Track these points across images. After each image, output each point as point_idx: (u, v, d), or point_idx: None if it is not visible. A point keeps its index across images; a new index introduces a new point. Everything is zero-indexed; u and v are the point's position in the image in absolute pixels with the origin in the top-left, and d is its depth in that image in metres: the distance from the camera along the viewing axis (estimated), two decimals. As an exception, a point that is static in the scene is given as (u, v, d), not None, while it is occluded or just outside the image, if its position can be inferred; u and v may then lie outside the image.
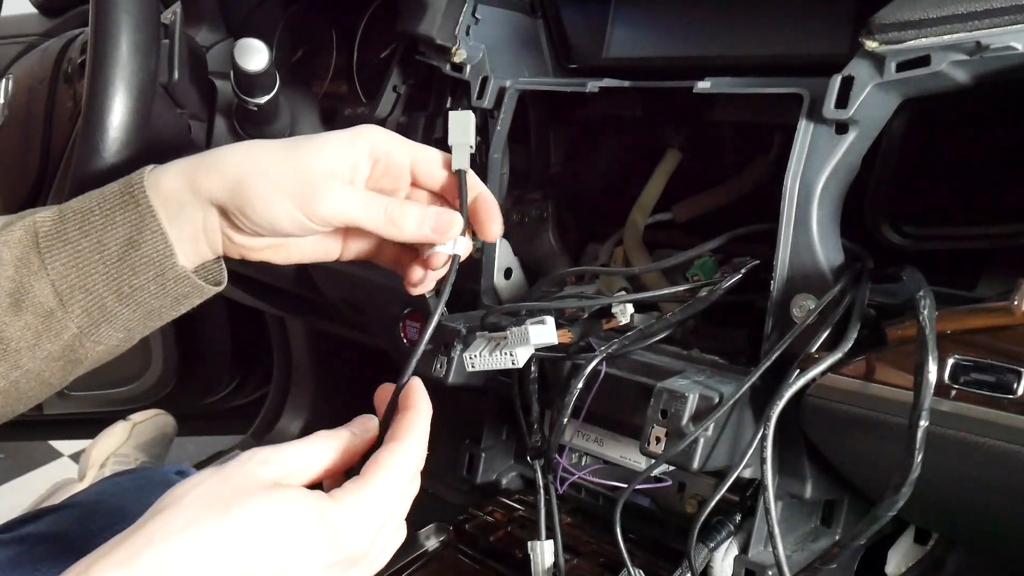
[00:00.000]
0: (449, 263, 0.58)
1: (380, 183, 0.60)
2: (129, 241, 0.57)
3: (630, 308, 0.68)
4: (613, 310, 0.68)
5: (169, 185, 0.58)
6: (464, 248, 0.58)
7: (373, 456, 0.49)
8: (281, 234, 0.58)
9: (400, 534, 0.51)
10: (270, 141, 0.59)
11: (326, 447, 0.49)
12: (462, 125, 0.58)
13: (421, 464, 0.51)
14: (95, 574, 0.41)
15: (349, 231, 0.61)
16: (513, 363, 0.63)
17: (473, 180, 0.59)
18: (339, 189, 0.57)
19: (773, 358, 0.57)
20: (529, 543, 0.68)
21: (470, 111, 0.58)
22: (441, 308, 0.54)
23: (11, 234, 0.58)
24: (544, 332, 0.63)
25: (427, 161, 0.59)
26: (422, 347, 0.53)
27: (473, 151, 0.59)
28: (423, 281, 0.60)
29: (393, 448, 0.49)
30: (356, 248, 0.62)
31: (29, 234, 0.57)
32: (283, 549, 0.44)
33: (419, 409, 0.52)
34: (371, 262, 0.63)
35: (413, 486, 0.51)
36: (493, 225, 0.59)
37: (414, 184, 0.60)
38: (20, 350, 0.57)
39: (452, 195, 0.59)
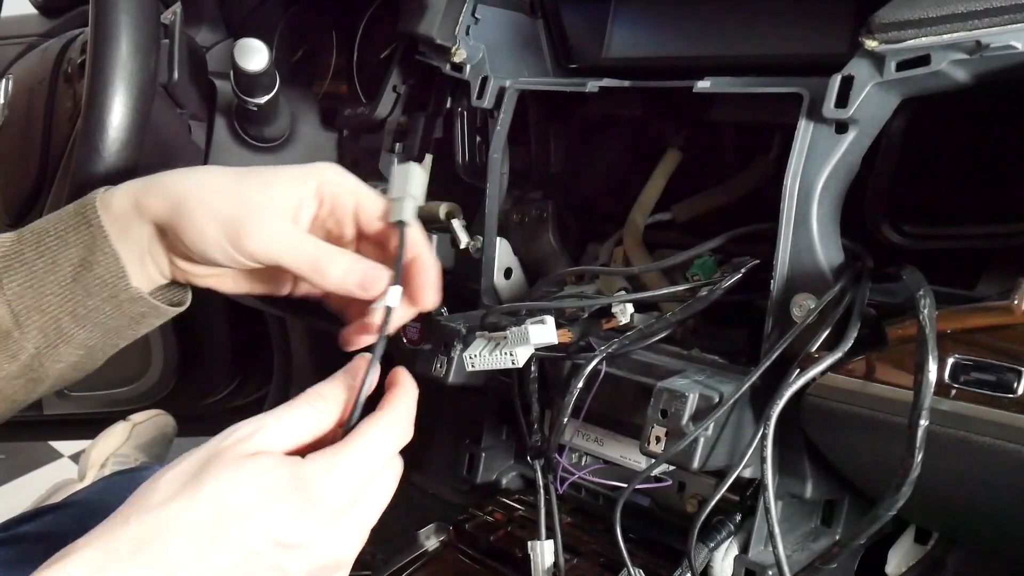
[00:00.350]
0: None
1: (326, 224, 0.58)
2: (82, 262, 0.56)
3: (630, 308, 0.68)
4: (613, 310, 0.68)
5: (117, 204, 0.56)
6: (396, 300, 0.54)
7: (356, 425, 0.48)
8: (212, 263, 0.57)
9: (381, 498, 0.49)
10: (227, 169, 0.57)
11: (309, 414, 0.48)
12: (405, 177, 0.56)
13: (405, 437, 0.50)
14: (74, 554, 0.41)
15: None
16: (513, 363, 0.63)
17: (414, 238, 0.55)
18: (271, 225, 0.54)
19: (773, 358, 0.57)
20: (529, 543, 0.68)
21: (416, 164, 0.56)
22: (375, 363, 0.50)
23: None
24: (544, 332, 0.63)
25: (367, 208, 0.57)
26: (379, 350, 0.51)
27: (420, 203, 0.56)
28: (351, 340, 0.57)
29: (376, 417, 0.49)
30: (304, 288, 0.61)
31: None
32: (259, 512, 0.43)
33: (405, 386, 0.51)
34: (321, 302, 0.61)
35: (396, 463, 0.50)
36: (427, 293, 0.56)
37: (358, 231, 0.58)
38: None
39: (392, 249, 0.56)
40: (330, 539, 0.45)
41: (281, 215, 0.55)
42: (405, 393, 0.51)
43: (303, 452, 0.47)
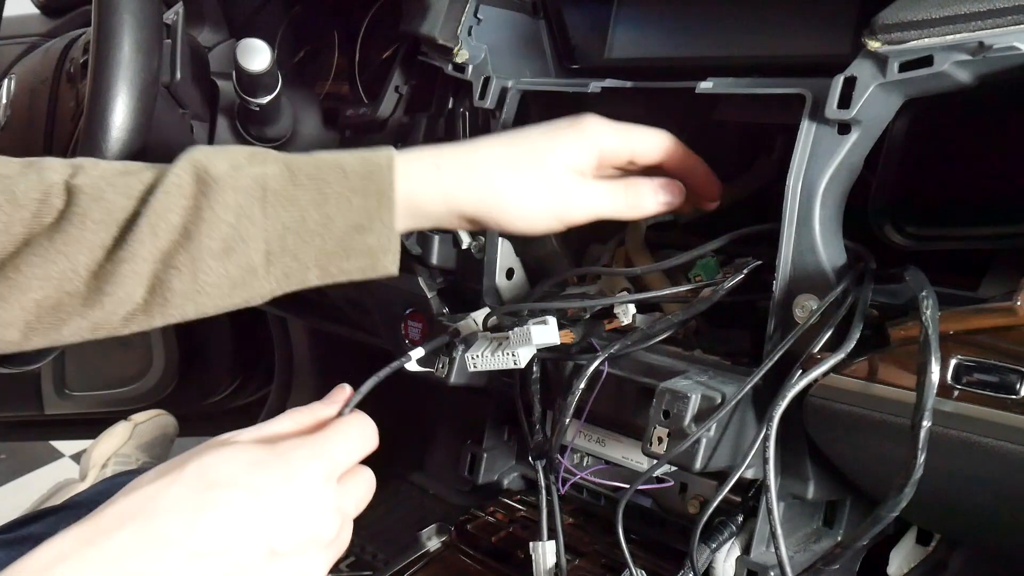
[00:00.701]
0: None
1: (608, 167, 0.66)
2: (357, 227, 0.59)
3: (632, 308, 0.68)
4: (615, 311, 0.68)
5: (421, 194, 0.61)
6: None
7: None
8: (534, 233, 0.64)
9: (361, 486, 0.51)
10: (504, 143, 0.64)
11: (286, 424, 0.51)
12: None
13: (369, 440, 0.52)
14: (65, 532, 0.43)
15: None
16: (515, 363, 0.63)
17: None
18: (586, 189, 0.63)
19: (775, 359, 0.57)
20: (531, 544, 0.68)
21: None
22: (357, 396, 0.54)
23: (239, 179, 0.57)
24: (546, 332, 0.63)
25: (642, 154, 0.66)
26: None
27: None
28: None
29: (341, 419, 0.52)
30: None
31: (257, 185, 0.57)
32: (242, 479, 0.45)
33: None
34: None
35: (365, 477, 0.52)
36: (708, 187, 0.69)
37: (629, 165, 0.66)
38: (211, 296, 0.58)
39: (668, 170, 0.66)
40: (309, 510, 0.46)
41: (580, 174, 0.63)
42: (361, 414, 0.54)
43: None
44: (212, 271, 0.57)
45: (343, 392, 0.54)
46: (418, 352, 0.61)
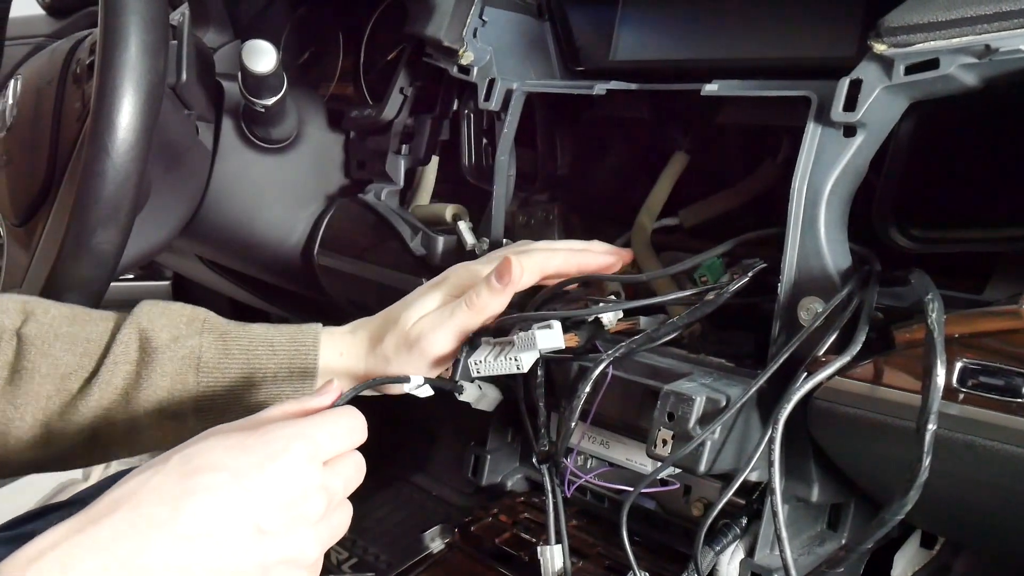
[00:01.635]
0: None
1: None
2: (279, 394, 0.67)
3: (617, 314, 0.68)
4: (605, 315, 0.68)
5: (337, 367, 0.68)
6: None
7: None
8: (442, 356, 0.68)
9: (345, 507, 0.52)
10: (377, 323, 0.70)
11: (277, 412, 0.52)
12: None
13: (358, 430, 0.53)
14: (58, 525, 0.44)
15: None
16: (518, 368, 0.63)
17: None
18: (437, 338, 0.66)
19: (781, 361, 0.57)
20: (538, 548, 0.68)
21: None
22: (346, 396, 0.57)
23: (177, 351, 0.65)
24: (551, 337, 0.62)
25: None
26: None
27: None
28: None
29: (329, 408, 0.54)
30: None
31: (193, 355, 0.66)
32: (225, 462, 0.46)
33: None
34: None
35: (354, 460, 0.53)
36: (602, 259, 0.73)
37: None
38: (145, 444, 0.66)
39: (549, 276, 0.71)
40: (294, 489, 0.47)
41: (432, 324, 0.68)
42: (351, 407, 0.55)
43: None
44: (147, 428, 0.65)
45: (331, 385, 0.55)
46: (417, 380, 0.63)
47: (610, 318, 0.68)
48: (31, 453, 0.65)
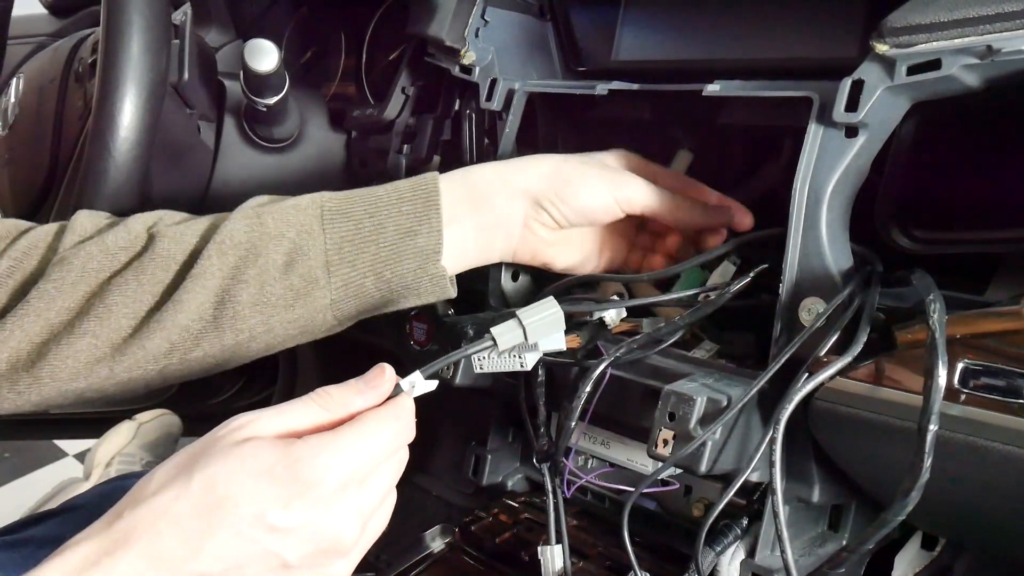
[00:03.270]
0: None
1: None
2: (408, 231, 0.63)
3: (622, 313, 0.68)
4: (603, 315, 0.68)
5: (482, 180, 0.66)
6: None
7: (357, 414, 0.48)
8: (590, 218, 0.68)
9: (386, 505, 0.49)
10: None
11: (312, 409, 0.48)
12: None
13: (406, 433, 0.49)
14: (69, 550, 0.42)
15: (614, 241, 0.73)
16: (522, 366, 0.63)
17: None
18: (639, 180, 0.68)
19: (782, 361, 0.57)
20: (539, 548, 0.68)
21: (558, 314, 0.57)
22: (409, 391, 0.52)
23: (299, 201, 0.64)
24: (553, 340, 0.62)
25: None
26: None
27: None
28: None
29: (378, 408, 0.49)
30: (606, 261, 0.75)
31: (315, 205, 0.63)
32: (249, 497, 0.43)
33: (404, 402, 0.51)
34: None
35: (400, 453, 0.49)
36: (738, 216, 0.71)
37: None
38: (277, 309, 0.62)
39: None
40: (324, 522, 0.44)
41: (640, 178, 0.69)
42: (407, 397, 0.51)
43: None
44: (276, 284, 0.61)
45: (382, 376, 0.50)
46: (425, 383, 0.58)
47: (612, 317, 0.68)
48: (162, 329, 0.61)
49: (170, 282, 0.61)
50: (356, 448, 0.46)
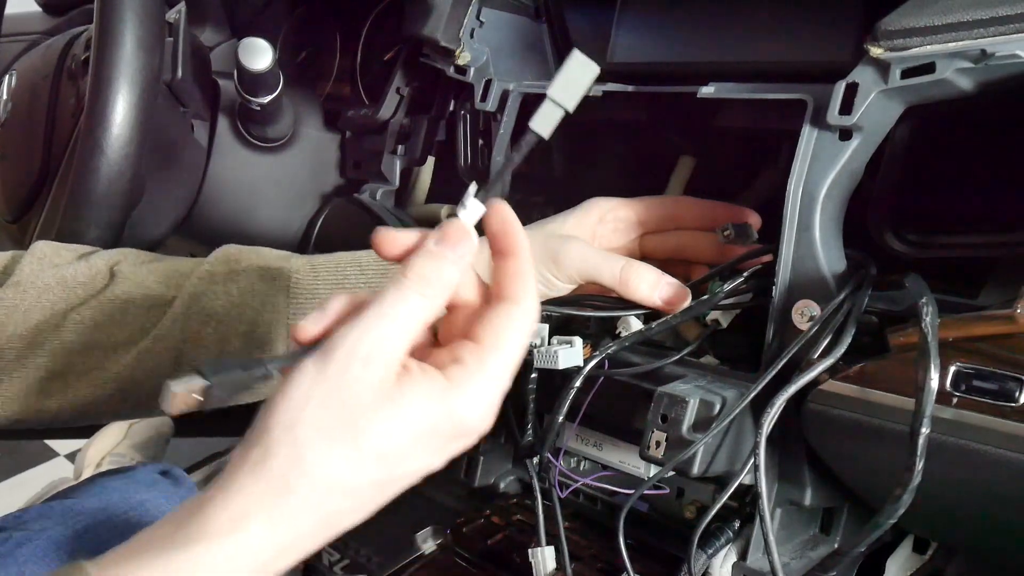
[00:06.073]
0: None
1: (611, 241, 0.70)
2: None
3: (637, 322, 0.67)
4: (618, 326, 0.68)
5: None
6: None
7: (490, 324, 0.44)
8: (581, 279, 0.66)
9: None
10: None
11: (419, 305, 0.43)
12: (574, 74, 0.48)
13: (535, 321, 0.46)
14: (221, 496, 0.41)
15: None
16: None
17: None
18: (580, 247, 0.65)
19: (779, 367, 0.57)
20: (530, 551, 0.68)
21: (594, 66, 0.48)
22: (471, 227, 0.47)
23: (268, 268, 0.66)
24: (572, 355, 0.62)
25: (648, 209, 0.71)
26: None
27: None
28: None
29: (510, 313, 0.45)
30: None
31: (284, 276, 0.66)
32: (418, 456, 0.43)
33: (522, 254, 0.46)
34: None
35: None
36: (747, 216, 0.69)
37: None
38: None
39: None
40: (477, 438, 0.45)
41: (582, 243, 0.66)
42: (527, 266, 0.46)
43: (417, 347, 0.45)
44: (237, 350, 0.64)
45: (460, 231, 0.45)
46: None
47: (631, 325, 0.67)
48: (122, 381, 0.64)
49: (129, 327, 0.64)
50: (501, 377, 0.44)
